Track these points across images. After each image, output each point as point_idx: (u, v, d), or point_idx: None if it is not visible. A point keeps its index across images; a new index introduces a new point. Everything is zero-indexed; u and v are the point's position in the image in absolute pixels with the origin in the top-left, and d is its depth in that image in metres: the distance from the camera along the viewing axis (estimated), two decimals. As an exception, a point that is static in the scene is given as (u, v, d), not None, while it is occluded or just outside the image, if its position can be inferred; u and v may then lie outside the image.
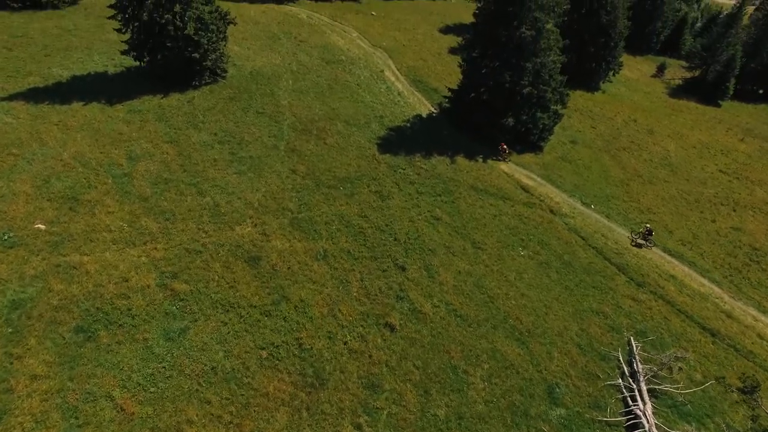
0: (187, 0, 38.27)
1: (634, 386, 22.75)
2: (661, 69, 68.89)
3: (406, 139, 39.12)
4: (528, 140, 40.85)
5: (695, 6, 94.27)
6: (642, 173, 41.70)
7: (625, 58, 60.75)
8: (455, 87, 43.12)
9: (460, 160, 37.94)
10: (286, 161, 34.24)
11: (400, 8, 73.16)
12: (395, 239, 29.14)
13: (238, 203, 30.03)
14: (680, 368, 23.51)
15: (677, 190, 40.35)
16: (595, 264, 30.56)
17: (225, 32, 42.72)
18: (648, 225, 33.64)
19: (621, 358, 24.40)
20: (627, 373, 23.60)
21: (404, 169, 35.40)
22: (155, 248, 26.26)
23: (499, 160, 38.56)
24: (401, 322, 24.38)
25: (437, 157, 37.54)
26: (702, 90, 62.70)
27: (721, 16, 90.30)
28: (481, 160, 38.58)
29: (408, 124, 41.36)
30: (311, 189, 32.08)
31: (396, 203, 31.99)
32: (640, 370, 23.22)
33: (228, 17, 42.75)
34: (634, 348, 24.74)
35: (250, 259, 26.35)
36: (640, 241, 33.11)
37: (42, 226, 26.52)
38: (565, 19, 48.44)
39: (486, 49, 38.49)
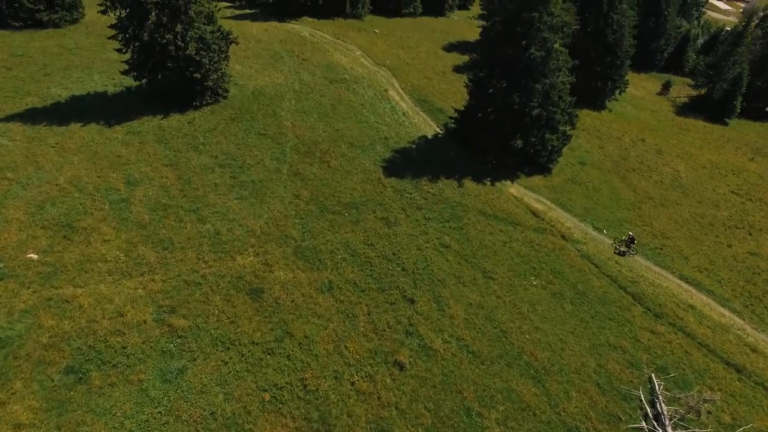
0: (189, 20, 37.59)
1: (659, 430, 21.42)
2: (666, 87, 68.31)
3: (412, 162, 38.15)
4: (536, 162, 39.90)
5: (695, 23, 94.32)
6: (653, 195, 40.66)
7: (630, 75, 60.13)
8: (461, 107, 42.36)
9: (468, 183, 36.92)
10: (289, 186, 33.20)
11: (402, 26, 72.84)
12: (403, 269, 27.96)
13: (239, 231, 28.91)
14: (709, 412, 22.19)
15: (690, 213, 39.26)
16: (610, 293, 29.36)
17: (227, 52, 42.01)
18: (630, 233, 33.43)
19: (643, 398, 23.07)
20: (650, 415, 22.28)
21: (411, 194, 34.35)
22: (153, 280, 25.09)
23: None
24: (411, 359, 23.11)
25: (444, 181, 36.52)
26: (708, 108, 62.01)
27: (723, 33, 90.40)
28: (489, 183, 37.56)
29: (413, 146, 40.43)
30: (315, 215, 30.99)
31: (403, 230, 30.88)
32: (665, 413, 21.91)
33: (230, 37, 42.07)
34: (657, 387, 23.43)
35: (252, 291, 25.14)
36: (623, 249, 32.97)
37: (34, 256, 25.37)
38: (572, 38, 47.80)
39: (493, 69, 37.70)
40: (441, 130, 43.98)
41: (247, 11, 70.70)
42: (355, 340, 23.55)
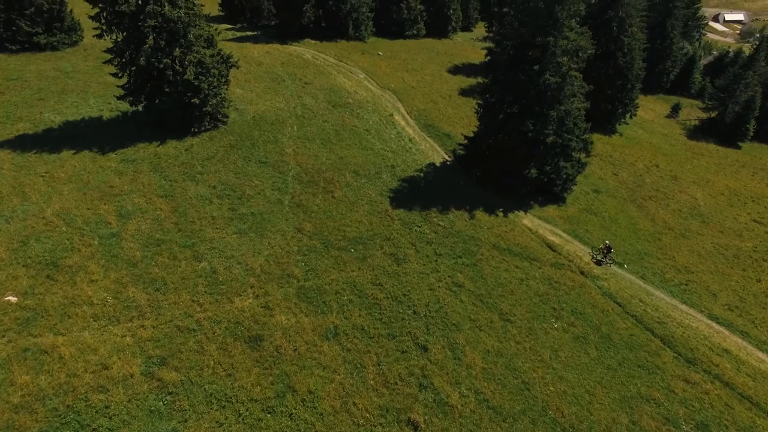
0: (188, 44, 36.13)
1: (706, 502, 19.10)
2: (675, 109, 67.00)
3: (420, 191, 36.29)
4: (551, 191, 38.05)
5: (696, 44, 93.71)
6: (672, 225, 38.71)
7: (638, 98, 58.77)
8: (470, 133, 40.71)
9: (480, 214, 35.00)
10: (291, 218, 31.26)
11: (406, 48, 71.83)
12: (414, 312, 25.83)
13: (237, 269, 26.87)
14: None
15: (713, 244, 37.27)
16: (636, 337, 27.19)
17: (227, 76, 40.53)
18: (607, 242, 33.29)
19: (684, 461, 20.80)
20: (694, 483, 19.97)
21: (420, 227, 32.40)
22: (142, 326, 22.96)
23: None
24: (426, 417, 20.85)
25: (455, 212, 34.61)
26: (721, 131, 60.62)
27: (728, 55, 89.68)
28: (501, 214, 35.65)
29: (421, 174, 38.63)
30: (319, 251, 28.98)
31: (413, 267, 28.83)
32: (711, 481, 19.61)
33: (230, 60, 40.63)
34: (698, 448, 21.16)
35: (250, 339, 22.98)
36: (599, 257, 32.87)
37: (13, 299, 23.31)
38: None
39: (505, 94, 36.08)
40: (449, 156, 42.25)
41: (249, 33, 69.77)
42: (363, 395, 21.32)
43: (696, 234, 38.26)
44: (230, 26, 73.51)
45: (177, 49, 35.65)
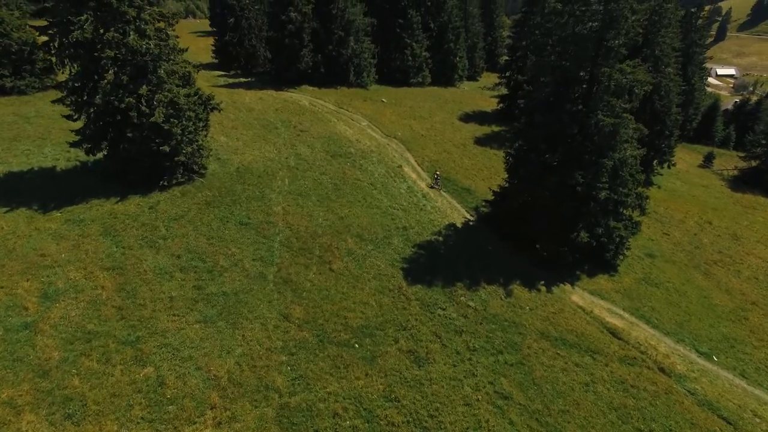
0: (158, 80, 29.81)
1: None
2: (708, 159, 61.04)
3: (441, 260, 28.90)
4: (600, 258, 30.73)
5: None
6: (755, 299, 31.08)
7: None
8: (495, 187, 34.04)
9: (518, 289, 27.47)
10: (275, 300, 23.63)
11: (411, 95, 66.60)
12: (449, 447, 17.78)
13: (195, 379, 18.98)
14: None
15: (810, 324, 29.52)
16: (763, 474, 18.99)
17: (207, 120, 34.12)
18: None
19: None
20: None
21: (444, 309, 24.75)
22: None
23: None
24: None
25: (486, 287, 27.07)
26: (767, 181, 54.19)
27: (749, 103, 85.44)
28: (543, 288, 28.12)
29: (440, 238, 31.35)
30: (312, 348, 21.15)
31: (440, 371, 20.94)
32: None
33: (211, 102, 34.33)
34: None
35: (199, 506, 14.84)
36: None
37: None
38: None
39: (543, 141, 29.47)
40: (472, 215, 35.15)
41: (242, 80, 64.71)
42: None
43: (785, 310, 30.58)
44: (223, 73, 68.73)
45: (144, 87, 29.26)
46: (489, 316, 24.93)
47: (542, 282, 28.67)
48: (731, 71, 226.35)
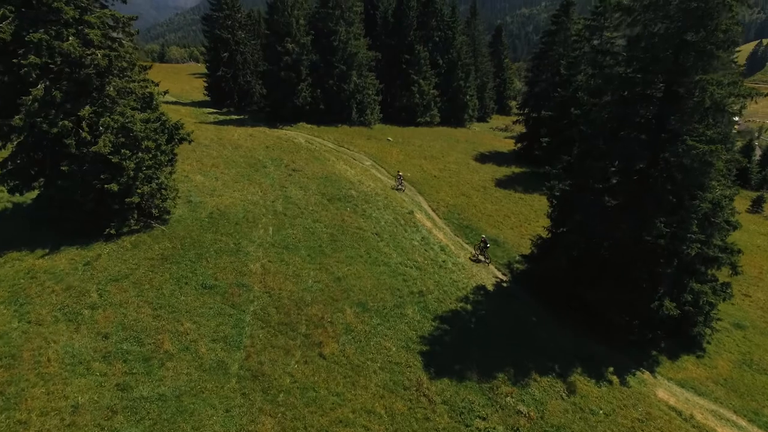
0: (106, 100, 23.33)
1: None
2: (758, 204, 54.22)
3: (473, 339, 21.29)
4: (682, 333, 23.08)
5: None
6: None
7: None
8: (534, 238, 26.92)
9: (581, 382, 19.71)
10: (237, 408, 15.89)
11: (419, 134, 60.61)
12: None
13: None
14: None
15: None
16: None
17: (172, 153, 27.45)
18: (483, 236, 29.12)
19: None
20: None
21: (485, 419, 16.93)
22: None
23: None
24: None
25: (539, 380, 19.32)
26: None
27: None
28: (615, 379, 20.36)
29: (468, 306, 23.83)
30: (283, 502, 13.32)
31: None
32: None
33: (180, 132, 27.72)
34: None
35: None
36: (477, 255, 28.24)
37: None
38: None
39: (598, 176, 22.55)
40: (504, 274, 27.75)
41: (234, 117, 58.90)
42: None
43: None
44: (214, 110, 63.14)
45: (86, 107, 22.73)
46: (549, 427, 17.07)
47: (611, 369, 20.93)
48: (734, 118, 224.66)
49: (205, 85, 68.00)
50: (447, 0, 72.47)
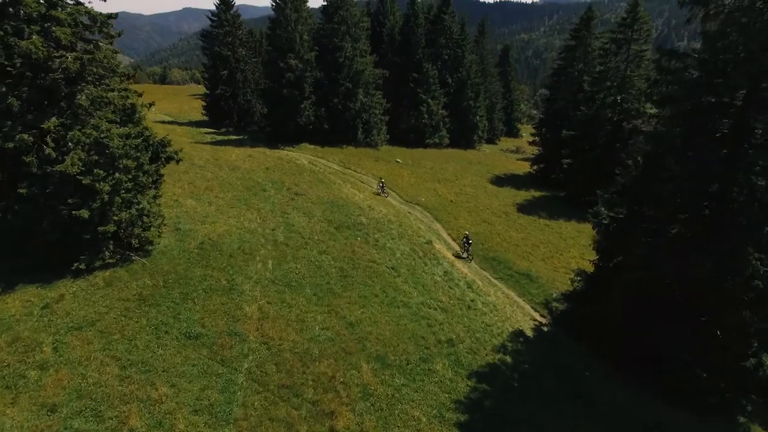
0: (77, 110, 19.74)
1: None
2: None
3: (517, 402, 17.19)
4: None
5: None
6: None
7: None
8: (574, 273, 23.05)
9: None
10: None
11: (429, 156, 57.15)
12: None
13: None
14: None
15: None
16: None
17: (157, 174, 23.76)
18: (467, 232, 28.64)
19: None
20: None
21: None
22: None
23: None
24: None
25: (612, 461, 15.17)
26: None
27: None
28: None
29: (507, 358, 19.73)
30: None
31: None
32: None
33: (166, 150, 24.09)
34: None
35: None
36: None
37: None
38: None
39: (666, 201, 18.77)
40: (542, 314, 23.69)
41: (233, 137, 55.48)
42: None
43: None
44: (212, 130, 59.79)
45: (53, 119, 19.09)
46: None
47: (690, 439, 16.78)
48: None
49: (204, 104, 64.82)
50: (456, 17, 69.92)
